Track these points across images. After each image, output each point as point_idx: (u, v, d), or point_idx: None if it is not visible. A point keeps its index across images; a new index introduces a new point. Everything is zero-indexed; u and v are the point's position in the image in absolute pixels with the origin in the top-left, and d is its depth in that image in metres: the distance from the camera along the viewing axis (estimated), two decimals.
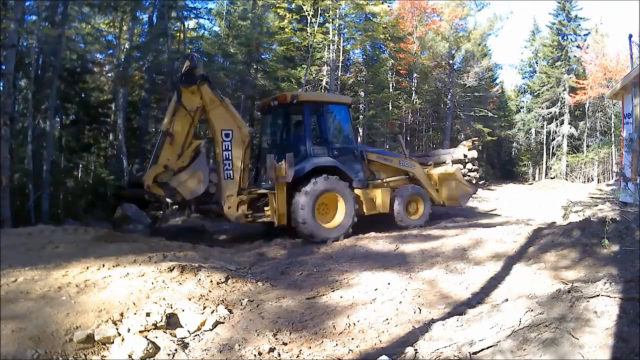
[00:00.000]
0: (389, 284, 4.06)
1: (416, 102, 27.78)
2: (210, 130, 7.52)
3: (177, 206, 12.26)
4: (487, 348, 2.33)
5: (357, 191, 7.90)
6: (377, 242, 6.46)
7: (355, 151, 8.31)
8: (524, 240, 5.16)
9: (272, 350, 2.86)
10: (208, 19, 19.38)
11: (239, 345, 2.94)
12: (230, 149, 7.15)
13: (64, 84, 13.29)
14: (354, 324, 3.23)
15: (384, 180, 8.63)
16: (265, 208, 7.42)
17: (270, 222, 7.38)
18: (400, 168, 8.93)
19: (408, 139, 29.57)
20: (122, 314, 3.17)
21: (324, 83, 22.06)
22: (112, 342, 2.86)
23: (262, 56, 20.42)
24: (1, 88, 8.94)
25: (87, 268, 4.06)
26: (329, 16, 20.97)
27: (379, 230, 7.52)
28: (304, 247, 6.91)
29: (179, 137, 6.86)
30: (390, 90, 25.68)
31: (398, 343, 2.82)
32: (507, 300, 3.15)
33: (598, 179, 30.99)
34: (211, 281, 4.09)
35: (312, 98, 8.59)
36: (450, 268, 4.55)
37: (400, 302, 3.56)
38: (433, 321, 3.07)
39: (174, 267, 4.24)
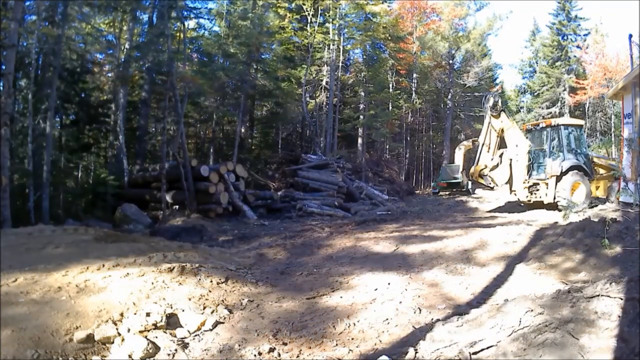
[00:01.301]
0: (389, 284, 4.05)
1: (416, 102, 27.77)
2: (507, 143, 10.74)
3: (177, 206, 12.27)
4: (487, 348, 2.33)
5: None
6: (377, 243, 6.46)
7: (584, 156, 11.27)
8: (525, 241, 5.16)
9: (272, 350, 2.86)
10: (208, 19, 19.35)
11: (239, 345, 2.93)
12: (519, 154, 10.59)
13: (64, 84, 13.29)
14: (354, 324, 3.23)
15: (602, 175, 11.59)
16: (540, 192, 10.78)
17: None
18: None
19: (408, 139, 29.57)
20: (122, 314, 3.16)
21: (324, 83, 22.06)
22: (112, 342, 2.86)
23: (262, 56, 20.40)
24: (1, 88, 8.93)
25: (87, 268, 4.05)
26: (329, 16, 20.97)
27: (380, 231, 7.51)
28: (304, 247, 6.91)
29: (491, 147, 10.49)
30: (390, 90, 25.68)
31: (398, 343, 2.81)
32: (507, 300, 3.14)
33: None
34: (211, 281, 4.08)
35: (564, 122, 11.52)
36: (451, 268, 4.55)
37: (400, 302, 3.56)
38: (433, 321, 3.07)
39: (174, 267, 4.24)
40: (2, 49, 9.09)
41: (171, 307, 3.37)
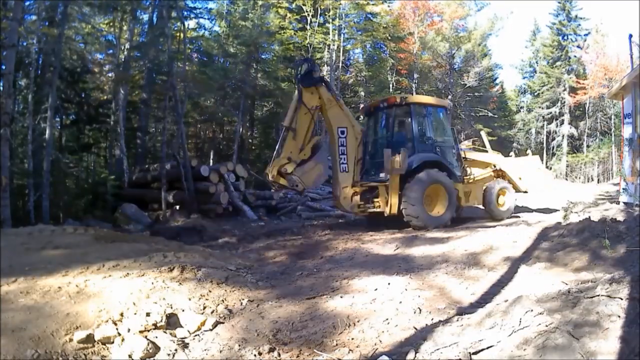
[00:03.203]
0: (389, 284, 4.05)
1: None
2: (327, 128, 8.32)
3: (177, 206, 12.23)
4: (488, 349, 2.33)
5: (457, 185, 8.50)
6: (378, 244, 6.46)
7: (454, 149, 8.89)
8: (526, 242, 5.14)
9: (272, 350, 2.86)
10: (208, 19, 19.39)
11: (239, 345, 2.93)
12: (345, 144, 7.86)
13: (64, 84, 13.32)
14: (354, 324, 3.22)
15: (476, 176, 9.25)
16: (375, 200, 8.11)
17: (379, 213, 8.03)
18: (488, 162, 9.67)
19: None
20: (122, 314, 3.16)
21: None
22: (112, 342, 2.86)
23: (262, 56, 20.42)
24: (1, 88, 8.94)
25: (87, 268, 4.06)
26: (329, 16, 20.98)
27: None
28: (305, 247, 6.91)
29: (300, 132, 7.47)
30: (391, 90, 25.68)
31: (398, 343, 2.81)
32: (507, 301, 3.14)
33: (598, 179, 30.98)
34: (211, 281, 4.08)
35: (419, 100, 8.88)
36: (451, 269, 4.54)
37: (401, 302, 3.56)
38: (433, 322, 3.07)
39: (174, 267, 4.24)
40: (2, 49, 9.10)
41: (171, 307, 3.37)
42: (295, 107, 7.44)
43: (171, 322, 3.19)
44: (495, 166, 9.59)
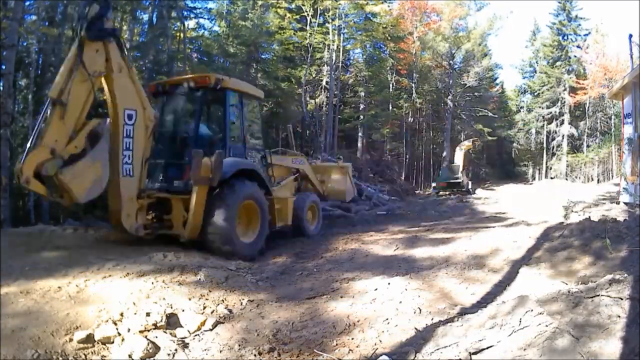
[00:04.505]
0: (389, 284, 4.05)
1: (416, 102, 27.77)
2: (110, 108, 5.27)
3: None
4: (488, 349, 2.33)
5: (268, 200, 6.47)
6: (379, 245, 6.46)
7: (263, 152, 7.03)
8: (527, 242, 5.14)
9: (272, 350, 2.86)
10: (208, 18, 19.38)
11: (239, 345, 2.93)
12: (132, 135, 5.20)
13: None
14: (354, 324, 3.22)
15: (280, 184, 7.32)
16: (166, 217, 5.68)
17: (171, 235, 5.62)
18: (292, 167, 8.08)
19: (408, 139, 29.60)
20: (122, 314, 3.16)
21: (324, 83, 22.06)
22: (112, 342, 2.86)
23: (262, 56, 20.41)
24: (1, 88, 8.94)
25: (87, 268, 4.06)
26: (329, 16, 20.97)
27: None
28: (304, 247, 6.90)
29: (73, 109, 4.62)
30: (391, 90, 25.68)
31: (398, 343, 2.81)
32: (508, 301, 3.14)
33: (598, 179, 30.99)
34: (211, 281, 4.09)
35: (237, 87, 6.45)
36: (451, 269, 4.54)
37: (401, 302, 3.56)
38: (433, 322, 3.07)
39: (174, 267, 4.24)
40: (2, 49, 9.09)
41: (171, 307, 3.37)
42: (70, 68, 4.63)
43: (171, 322, 3.19)
44: (298, 171, 8.21)
